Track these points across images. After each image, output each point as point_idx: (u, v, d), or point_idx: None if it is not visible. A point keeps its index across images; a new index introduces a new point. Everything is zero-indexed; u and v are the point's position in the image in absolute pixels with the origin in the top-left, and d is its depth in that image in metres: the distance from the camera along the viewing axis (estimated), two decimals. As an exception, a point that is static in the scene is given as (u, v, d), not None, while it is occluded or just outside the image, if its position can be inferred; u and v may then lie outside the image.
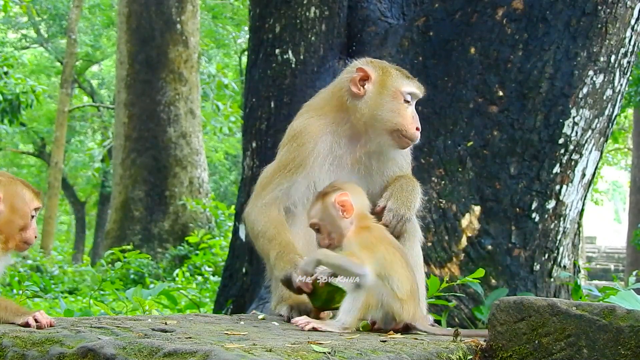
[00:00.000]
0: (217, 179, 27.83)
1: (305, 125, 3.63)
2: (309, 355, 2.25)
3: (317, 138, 3.57)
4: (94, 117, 28.50)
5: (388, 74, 3.57)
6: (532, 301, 2.58)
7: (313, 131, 3.59)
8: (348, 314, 2.97)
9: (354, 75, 3.56)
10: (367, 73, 3.55)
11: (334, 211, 3.14)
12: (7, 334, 2.46)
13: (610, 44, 4.96)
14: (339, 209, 3.14)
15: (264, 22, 5.63)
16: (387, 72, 3.57)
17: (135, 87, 14.48)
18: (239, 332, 2.76)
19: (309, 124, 3.63)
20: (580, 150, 4.99)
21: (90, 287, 11.93)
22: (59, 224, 33.51)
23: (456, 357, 2.54)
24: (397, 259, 3.03)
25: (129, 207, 14.28)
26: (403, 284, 2.98)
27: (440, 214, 4.89)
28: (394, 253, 3.05)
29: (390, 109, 3.52)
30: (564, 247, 5.07)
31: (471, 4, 5.08)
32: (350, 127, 3.58)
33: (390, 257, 3.02)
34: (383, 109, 3.52)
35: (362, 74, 3.54)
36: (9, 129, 16.33)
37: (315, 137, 3.57)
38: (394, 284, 2.97)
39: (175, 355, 2.21)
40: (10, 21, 27.03)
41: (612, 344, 2.47)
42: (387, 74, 3.57)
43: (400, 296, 2.97)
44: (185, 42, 14.58)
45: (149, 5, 14.51)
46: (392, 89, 3.53)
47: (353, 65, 3.64)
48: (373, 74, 3.56)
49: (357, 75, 3.55)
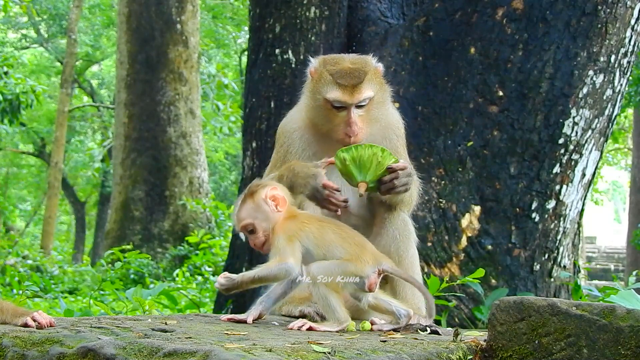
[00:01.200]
0: (217, 179, 27.83)
1: (283, 124, 3.72)
2: (309, 355, 2.25)
3: (291, 136, 3.63)
4: (94, 117, 28.50)
5: (320, 78, 3.51)
6: (532, 301, 2.58)
7: (288, 130, 3.66)
8: (333, 312, 2.99)
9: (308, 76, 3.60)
10: (311, 75, 3.57)
11: (266, 207, 3.15)
12: (7, 334, 2.46)
13: (610, 44, 4.96)
14: (272, 204, 3.15)
15: (264, 22, 5.63)
16: (320, 77, 3.51)
17: (135, 87, 14.49)
18: (239, 332, 2.76)
19: (286, 123, 3.71)
20: (580, 150, 4.99)
21: (90, 287, 11.93)
22: (59, 224, 33.52)
23: (456, 357, 2.54)
24: (326, 229, 3.08)
25: (129, 207, 14.28)
26: (342, 246, 3.04)
27: (440, 214, 4.89)
28: (321, 226, 3.09)
29: (319, 115, 3.53)
30: (564, 247, 5.07)
31: (471, 4, 5.08)
32: None
33: (318, 231, 3.07)
34: (315, 114, 3.55)
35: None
36: (9, 129, 16.33)
37: (290, 136, 3.64)
38: (335, 252, 3.03)
39: (175, 355, 2.21)
40: (10, 21, 27.03)
41: (612, 344, 2.47)
42: (320, 78, 3.51)
43: (347, 258, 3.01)
44: (185, 42, 14.58)
45: (149, 5, 14.52)
46: (319, 96, 3.50)
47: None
48: (312, 77, 3.56)
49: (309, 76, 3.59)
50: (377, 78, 3.52)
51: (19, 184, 32.34)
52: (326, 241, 3.06)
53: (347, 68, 3.47)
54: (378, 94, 3.52)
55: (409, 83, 5.14)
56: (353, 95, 3.44)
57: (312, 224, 3.12)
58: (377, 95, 3.51)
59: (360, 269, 3.01)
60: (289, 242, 3.06)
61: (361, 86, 3.44)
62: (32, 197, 33.24)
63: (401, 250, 3.51)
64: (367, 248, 3.09)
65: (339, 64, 3.50)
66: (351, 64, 3.50)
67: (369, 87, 3.47)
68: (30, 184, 31.56)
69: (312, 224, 3.12)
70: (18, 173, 31.72)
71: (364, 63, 3.53)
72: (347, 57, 3.61)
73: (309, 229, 3.09)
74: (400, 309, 3.12)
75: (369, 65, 3.53)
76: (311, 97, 3.54)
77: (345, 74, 3.46)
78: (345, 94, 3.43)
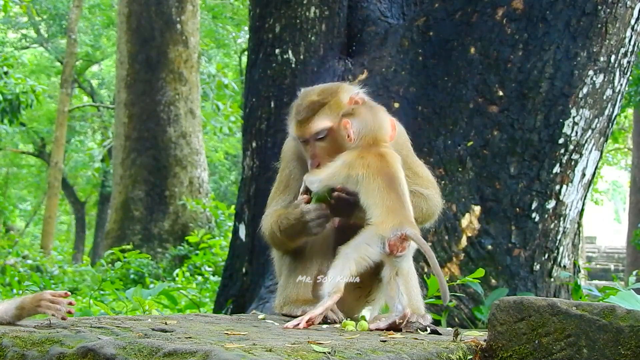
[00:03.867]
0: (217, 179, 27.82)
1: (284, 148, 3.82)
2: (309, 355, 2.25)
3: (291, 161, 3.73)
4: (94, 117, 28.50)
5: (290, 112, 3.63)
6: (532, 301, 2.58)
7: (288, 155, 3.76)
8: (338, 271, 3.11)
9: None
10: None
11: (343, 131, 3.35)
12: (7, 333, 2.46)
13: (610, 44, 4.96)
14: (347, 132, 3.33)
15: (264, 22, 5.63)
16: (290, 111, 3.63)
17: (135, 87, 14.48)
18: (239, 332, 2.76)
19: (286, 147, 3.81)
20: (580, 150, 4.99)
21: (90, 287, 11.92)
22: (59, 224, 33.53)
23: (456, 357, 2.54)
24: (376, 184, 3.18)
25: (129, 207, 14.28)
26: (377, 207, 3.15)
27: (440, 214, 4.89)
28: (374, 179, 3.19)
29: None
30: (564, 247, 5.07)
31: (471, 3, 5.08)
32: None
33: (367, 181, 3.19)
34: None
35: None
36: (9, 129, 16.33)
37: (290, 160, 3.74)
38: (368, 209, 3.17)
39: (175, 355, 2.21)
40: (10, 21, 27.03)
41: (612, 344, 2.47)
42: (290, 112, 3.63)
43: (374, 221, 3.12)
44: (185, 42, 14.58)
45: (149, 5, 14.51)
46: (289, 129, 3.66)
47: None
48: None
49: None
50: (338, 108, 3.50)
51: (19, 184, 32.35)
52: (365, 191, 3.20)
53: (306, 102, 3.53)
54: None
55: (409, 83, 5.14)
56: (305, 130, 3.50)
57: (368, 172, 3.23)
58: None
59: (383, 230, 3.09)
60: (342, 167, 3.27)
61: (313, 119, 3.48)
62: (32, 197, 33.25)
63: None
64: (397, 212, 3.14)
65: (303, 98, 3.58)
66: (316, 96, 3.54)
67: (324, 119, 3.48)
68: (30, 184, 31.58)
69: (368, 172, 3.23)
70: (18, 173, 31.73)
71: (328, 94, 3.54)
72: (317, 88, 3.63)
73: (358, 173, 3.22)
74: (397, 303, 3.12)
75: (332, 96, 3.53)
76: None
77: (300, 109, 3.54)
78: (298, 129, 3.53)
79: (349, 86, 3.66)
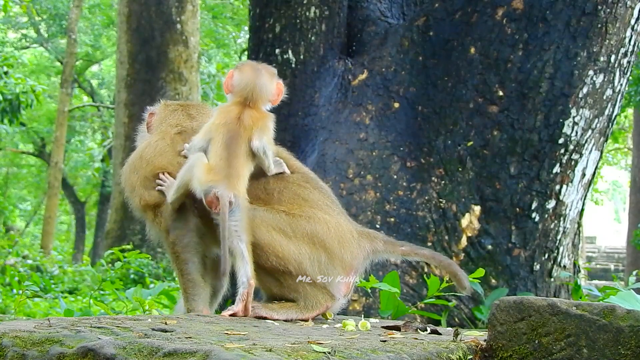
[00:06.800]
0: (217, 178, 27.75)
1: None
2: (309, 355, 2.25)
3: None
4: (94, 117, 28.50)
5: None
6: (532, 301, 2.58)
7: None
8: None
9: None
10: None
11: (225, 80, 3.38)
12: (7, 333, 2.46)
13: (610, 43, 4.96)
14: (227, 82, 3.34)
15: (264, 22, 5.63)
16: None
17: (135, 87, 14.48)
18: (239, 332, 2.76)
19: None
20: (580, 150, 4.99)
21: (90, 287, 11.93)
22: (59, 224, 33.54)
23: (456, 357, 2.54)
24: (219, 138, 3.17)
25: (128, 207, 14.27)
26: (210, 159, 3.15)
27: (440, 214, 4.89)
28: (221, 132, 3.18)
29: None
30: (564, 247, 5.07)
31: (471, 3, 5.08)
32: None
33: (216, 132, 3.18)
34: None
35: None
36: (9, 129, 16.33)
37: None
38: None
39: (175, 355, 2.20)
40: (10, 21, 27.03)
41: (612, 344, 2.47)
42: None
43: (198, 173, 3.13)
44: (185, 42, 14.58)
45: (149, 5, 14.51)
46: None
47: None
48: None
49: None
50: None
51: (19, 184, 32.36)
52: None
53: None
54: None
55: (409, 83, 5.14)
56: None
57: (216, 128, 3.23)
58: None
59: (202, 184, 3.12)
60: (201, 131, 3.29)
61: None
62: (32, 197, 33.26)
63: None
64: (220, 171, 3.11)
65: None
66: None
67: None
68: (30, 184, 31.59)
69: (216, 128, 3.23)
70: (18, 173, 31.75)
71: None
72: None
73: (209, 131, 3.24)
74: (242, 275, 3.17)
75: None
76: None
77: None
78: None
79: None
